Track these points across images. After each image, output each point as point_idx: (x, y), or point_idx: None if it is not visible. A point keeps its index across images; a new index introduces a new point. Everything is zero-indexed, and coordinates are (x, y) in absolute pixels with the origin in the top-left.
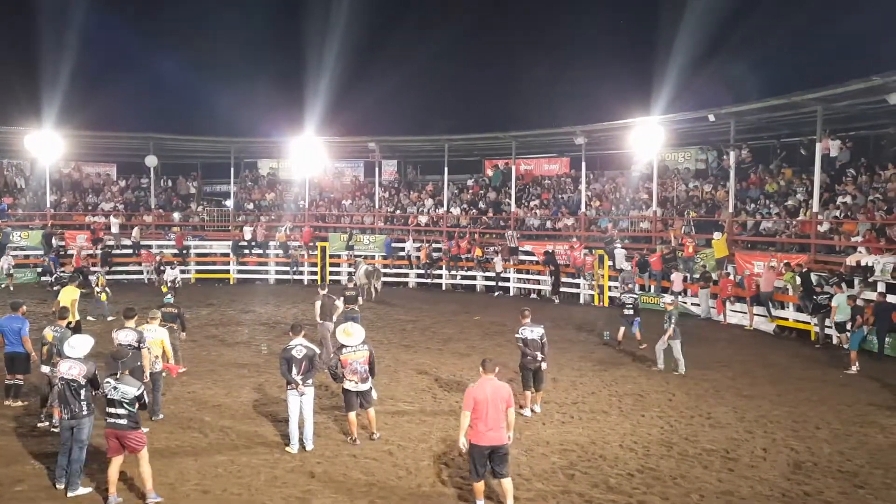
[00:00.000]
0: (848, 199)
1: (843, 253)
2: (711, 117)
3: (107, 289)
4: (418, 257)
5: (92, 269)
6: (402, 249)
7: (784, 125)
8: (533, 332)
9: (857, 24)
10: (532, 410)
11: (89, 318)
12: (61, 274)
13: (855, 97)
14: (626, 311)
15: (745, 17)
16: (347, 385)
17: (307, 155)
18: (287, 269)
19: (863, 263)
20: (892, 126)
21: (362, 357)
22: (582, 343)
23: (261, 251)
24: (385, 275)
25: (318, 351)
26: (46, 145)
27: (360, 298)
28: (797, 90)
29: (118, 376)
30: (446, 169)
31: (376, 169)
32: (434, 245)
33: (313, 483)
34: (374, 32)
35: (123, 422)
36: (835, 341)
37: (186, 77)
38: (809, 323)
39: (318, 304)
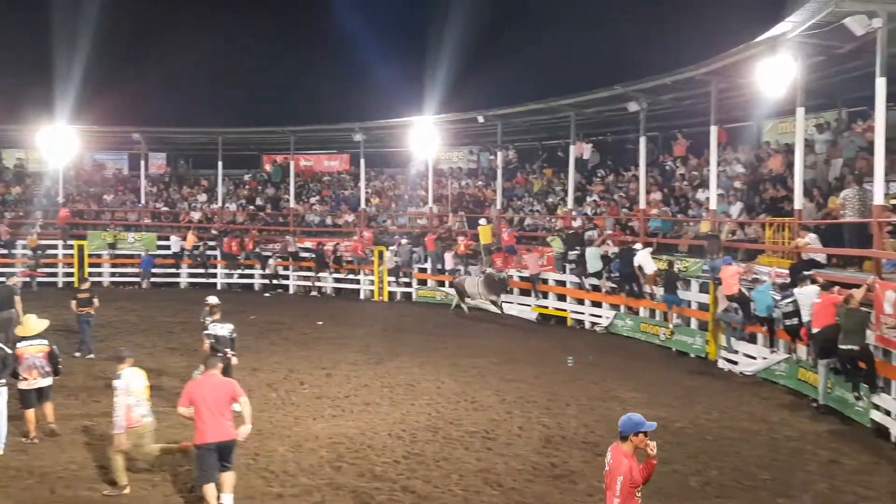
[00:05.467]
0: (597, 198)
1: None
2: (480, 119)
3: None
4: (183, 247)
5: None
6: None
7: (545, 129)
8: (223, 328)
9: (612, 35)
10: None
11: None
12: None
13: (601, 104)
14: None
15: (514, 23)
16: (22, 384)
17: (60, 145)
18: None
19: (610, 254)
20: (634, 132)
21: (40, 351)
22: (359, 338)
23: (6, 251)
24: (154, 275)
25: (9, 352)
26: None
27: (95, 300)
28: (555, 96)
29: None
30: (220, 163)
31: (142, 162)
32: (208, 242)
33: None
34: (142, 15)
35: None
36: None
37: None
38: (566, 310)
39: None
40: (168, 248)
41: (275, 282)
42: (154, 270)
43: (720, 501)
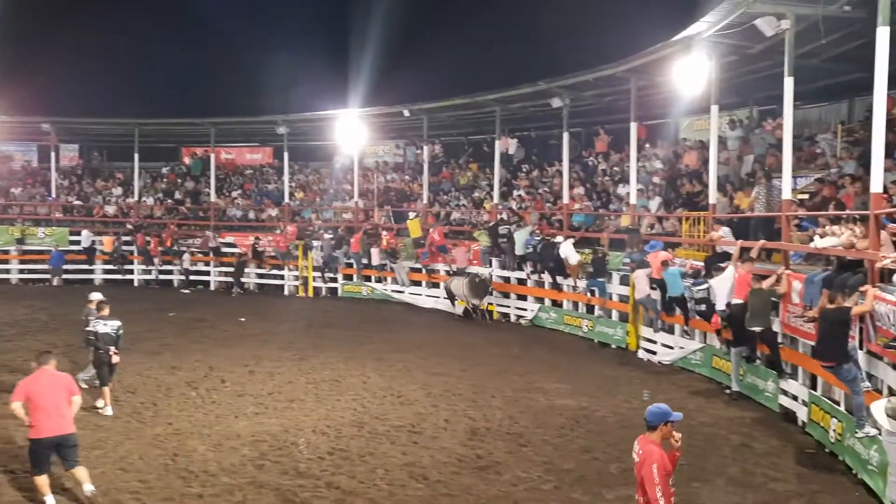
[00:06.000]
0: (523, 192)
1: None
2: (406, 113)
3: None
4: (101, 251)
5: None
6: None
7: (471, 123)
8: (107, 325)
9: (536, 32)
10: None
11: None
12: None
13: (526, 100)
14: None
15: (439, 17)
16: None
17: None
18: None
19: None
20: (557, 127)
21: None
22: (283, 334)
23: None
24: (66, 271)
25: None
26: None
27: None
28: (481, 91)
29: None
30: (137, 155)
31: (52, 153)
32: (124, 238)
33: None
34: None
35: None
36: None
37: None
38: (492, 304)
39: None
40: (80, 243)
41: (192, 278)
42: (66, 267)
43: None
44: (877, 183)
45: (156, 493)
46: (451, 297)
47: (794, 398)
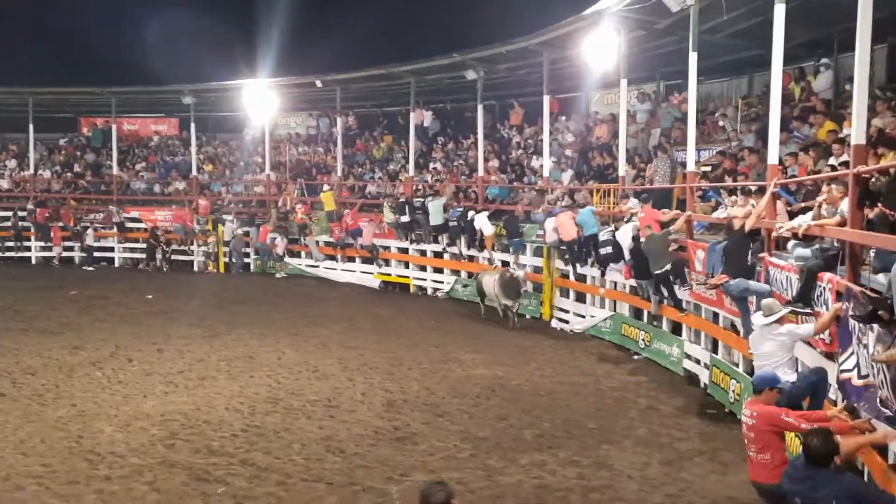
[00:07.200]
0: (438, 165)
1: None
2: (319, 83)
3: None
4: None
5: None
6: None
7: (385, 95)
8: None
9: (453, 2)
10: None
11: None
12: None
13: (440, 72)
14: None
15: None
16: None
17: None
18: None
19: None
20: (472, 100)
21: None
22: (193, 311)
23: None
24: None
25: None
26: None
27: None
28: (395, 62)
29: None
30: (31, 126)
31: None
32: (20, 213)
33: None
34: None
35: None
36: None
37: None
38: (408, 277)
39: None
40: None
41: (96, 255)
42: None
43: (552, 451)
44: (773, 155)
45: (60, 476)
46: (482, 295)
47: (697, 362)
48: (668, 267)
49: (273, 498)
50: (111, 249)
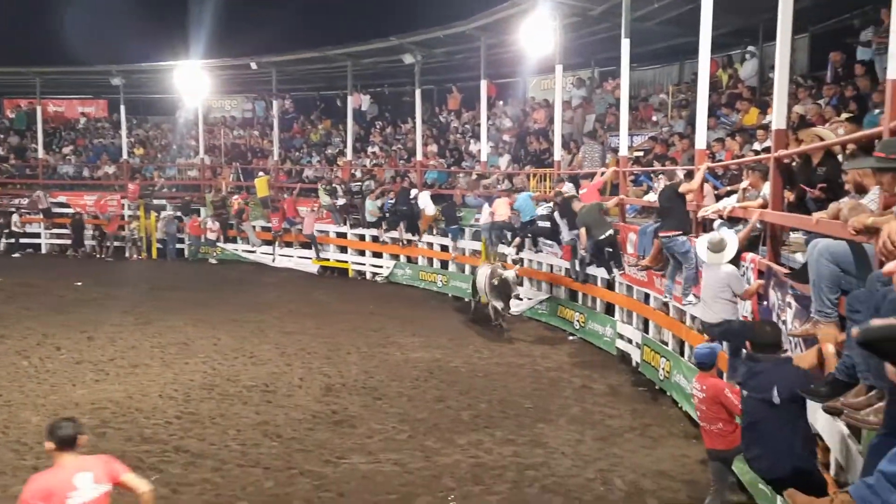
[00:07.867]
0: (377, 149)
1: None
2: (253, 65)
3: None
4: None
5: None
6: None
7: (322, 78)
8: None
9: None
10: None
11: None
12: None
13: (377, 55)
14: None
15: None
16: None
17: None
18: None
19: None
20: (410, 84)
21: None
22: (124, 298)
23: None
24: None
25: None
26: None
27: None
28: (332, 45)
29: None
30: None
31: None
32: None
33: None
34: None
35: None
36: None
37: None
38: (347, 262)
39: None
40: None
41: (22, 241)
42: None
43: (488, 431)
44: (701, 140)
45: None
46: (475, 290)
47: (629, 341)
48: (610, 232)
49: (208, 484)
50: (38, 236)
